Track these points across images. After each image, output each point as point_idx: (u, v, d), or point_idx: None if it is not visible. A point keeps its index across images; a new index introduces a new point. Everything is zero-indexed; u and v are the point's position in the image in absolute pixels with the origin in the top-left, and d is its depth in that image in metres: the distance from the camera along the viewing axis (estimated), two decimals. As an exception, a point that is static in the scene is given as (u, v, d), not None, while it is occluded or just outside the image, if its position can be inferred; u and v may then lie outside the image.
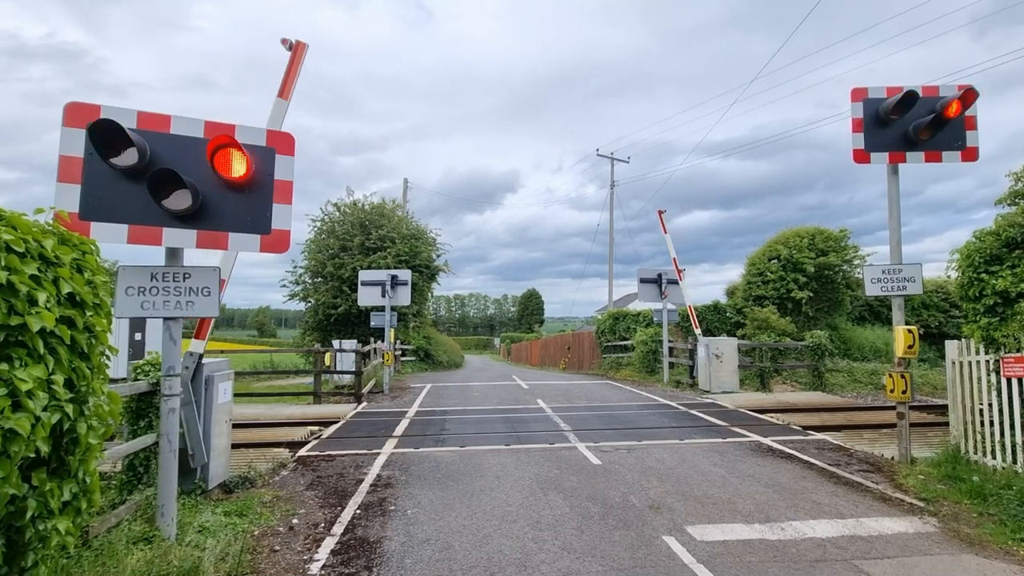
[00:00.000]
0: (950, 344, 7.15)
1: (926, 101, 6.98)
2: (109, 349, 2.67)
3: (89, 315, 2.48)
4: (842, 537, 4.63)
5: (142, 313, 4.23)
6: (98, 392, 2.50)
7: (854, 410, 11.63)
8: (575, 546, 4.41)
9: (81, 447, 2.38)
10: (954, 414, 7.01)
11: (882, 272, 7.18)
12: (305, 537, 4.63)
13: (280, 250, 4.60)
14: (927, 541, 4.58)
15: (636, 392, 14.71)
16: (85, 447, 2.41)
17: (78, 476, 2.42)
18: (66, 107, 3.99)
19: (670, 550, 4.33)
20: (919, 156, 7.11)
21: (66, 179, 3.95)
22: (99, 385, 2.53)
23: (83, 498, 2.43)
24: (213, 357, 6.30)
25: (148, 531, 4.09)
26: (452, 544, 4.46)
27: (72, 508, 2.35)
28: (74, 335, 2.37)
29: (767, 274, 20.03)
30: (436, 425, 9.74)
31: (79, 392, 2.40)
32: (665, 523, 4.91)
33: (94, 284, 2.50)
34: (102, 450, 2.65)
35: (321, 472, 6.66)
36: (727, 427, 9.30)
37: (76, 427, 2.33)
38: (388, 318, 15.75)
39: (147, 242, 4.16)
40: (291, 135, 4.67)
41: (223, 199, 4.39)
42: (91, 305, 2.48)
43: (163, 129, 4.24)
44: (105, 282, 2.59)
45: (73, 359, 2.36)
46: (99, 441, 2.45)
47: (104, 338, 2.63)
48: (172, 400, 4.31)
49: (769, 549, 4.38)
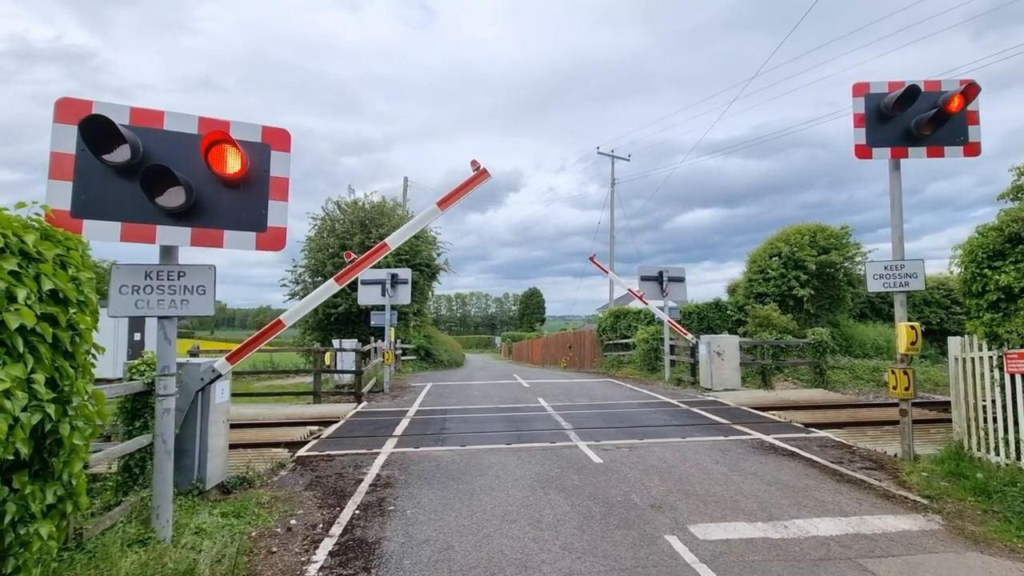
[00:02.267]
0: (953, 340, 7.09)
1: (928, 96, 6.92)
2: (95, 347, 2.60)
3: (73, 312, 2.40)
4: (846, 535, 4.58)
5: (136, 312, 4.18)
6: (82, 392, 2.44)
7: (856, 407, 11.56)
8: (576, 546, 4.36)
9: (65, 448, 2.32)
10: (957, 411, 6.95)
11: (884, 268, 7.12)
12: (303, 538, 4.58)
13: (276, 248, 4.54)
14: (931, 539, 4.53)
15: (637, 390, 14.65)
16: (70, 448, 2.34)
17: (63, 478, 2.35)
18: (57, 103, 3.93)
19: (672, 549, 4.28)
20: (921, 151, 7.05)
21: (57, 176, 3.89)
22: (84, 385, 2.46)
23: (68, 501, 2.36)
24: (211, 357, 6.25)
25: (143, 533, 4.04)
26: (452, 544, 4.41)
27: (57, 511, 2.29)
28: (57, 333, 2.30)
29: (768, 271, 19.95)
30: (436, 424, 9.69)
31: (62, 392, 2.33)
32: (667, 522, 4.86)
33: (78, 281, 2.43)
34: (89, 451, 2.57)
35: (320, 472, 6.61)
36: (729, 425, 9.24)
37: (59, 428, 2.26)
38: (388, 317, 15.70)
39: (140, 240, 4.11)
40: (287, 131, 4.61)
41: (218, 196, 4.33)
42: (75, 302, 2.40)
43: (156, 125, 4.19)
44: (90, 279, 2.52)
45: (56, 358, 2.30)
46: (85, 442, 2.39)
47: (89, 336, 2.55)
48: (167, 400, 4.26)
49: (772, 548, 4.33)
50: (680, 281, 16.63)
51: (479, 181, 6.32)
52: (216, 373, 5.35)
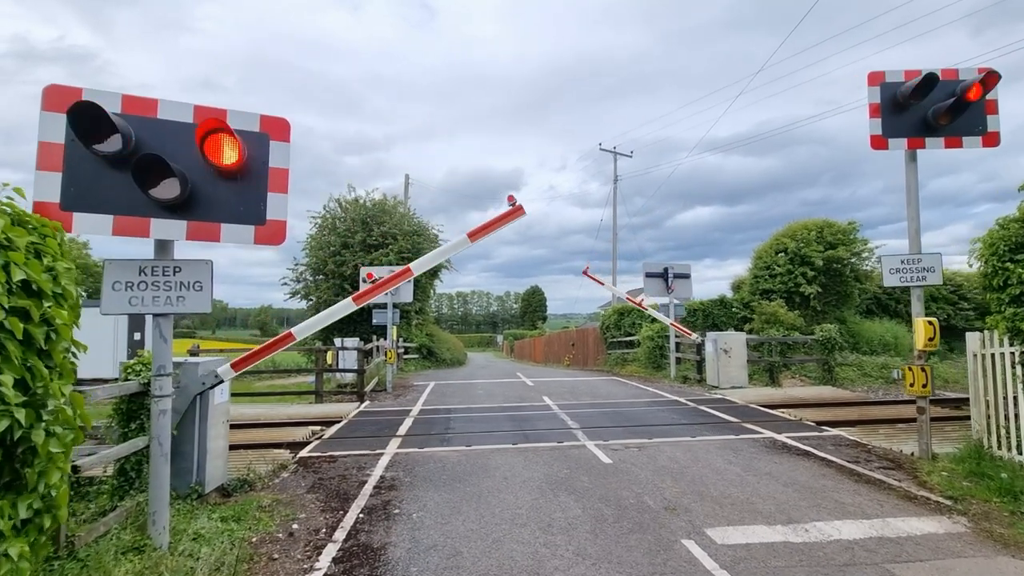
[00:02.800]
0: (972, 336, 6.90)
1: (945, 84, 6.72)
2: (75, 345, 2.39)
3: (48, 306, 2.18)
4: (870, 539, 4.40)
5: (130, 309, 4.01)
6: (58, 394, 2.23)
7: (867, 405, 11.37)
8: (590, 551, 4.18)
9: (41, 458, 2.10)
10: (976, 408, 6.77)
11: (901, 262, 6.93)
12: (305, 544, 4.41)
13: (275, 242, 4.36)
14: (959, 542, 4.35)
15: (643, 388, 14.47)
16: (46, 457, 2.13)
17: (39, 490, 2.13)
18: (45, 90, 3.74)
19: (690, 555, 4.10)
20: (939, 142, 6.85)
21: (46, 167, 3.70)
22: (60, 387, 2.26)
23: (46, 515, 2.15)
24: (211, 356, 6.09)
25: (139, 540, 3.86)
26: (460, 550, 4.24)
27: (34, 526, 2.08)
28: (29, 329, 2.08)
29: (774, 268, 19.73)
30: (441, 424, 9.52)
31: (35, 395, 2.11)
32: (683, 525, 4.68)
33: (55, 271, 2.22)
34: (69, 460, 2.35)
35: (323, 474, 6.44)
36: (739, 423, 9.06)
37: (32, 435, 2.05)
38: (390, 315, 15.51)
39: (134, 234, 3.92)
40: (286, 120, 4.42)
41: (214, 188, 4.15)
42: (51, 295, 2.19)
43: (150, 114, 4.00)
44: (69, 269, 2.31)
45: (28, 357, 2.09)
46: (64, 450, 2.18)
47: (67, 333, 2.34)
48: (163, 401, 4.08)
49: (794, 552, 4.15)
50: (686, 278, 16.44)
51: (514, 217, 6.06)
52: (218, 379, 5.18)
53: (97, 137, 3.68)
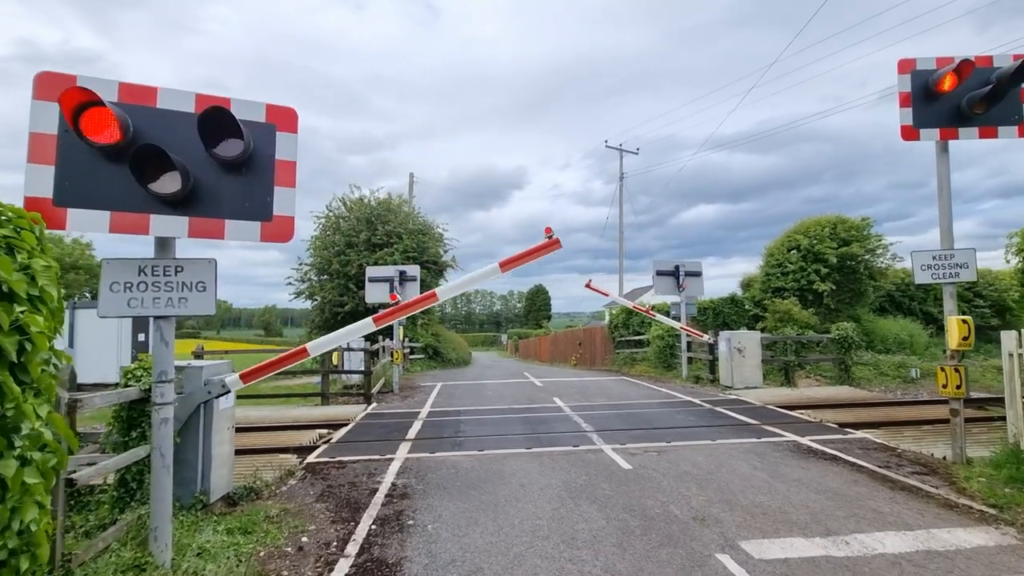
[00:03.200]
0: (1007, 335, 6.59)
1: (980, 72, 6.41)
2: (56, 356, 2.09)
3: (21, 311, 1.85)
4: (916, 552, 4.12)
5: (129, 312, 3.76)
6: (32, 417, 1.88)
7: (888, 405, 11.07)
8: (619, 568, 3.92)
9: (12, 492, 1.79)
10: (1012, 410, 6.47)
11: (932, 258, 6.64)
12: (316, 559, 4.15)
13: (283, 239, 4.10)
14: (1013, 556, 4.06)
15: (655, 388, 14.19)
16: (19, 491, 1.82)
17: (12, 527, 1.81)
18: (36, 77, 3.49)
19: (727, 571, 3.83)
20: (972, 132, 6.54)
21: (37, 160, 3.45)
22: (36, 406, 1.92)
23: (23, 556, 1.86)
24: (216, 359, 5.85)
25: (140, 557, 3.62)
26: (481, 566, 3.97)
27: (9, 569, 1.79)
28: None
29: (787, 265, 19.39)
30: (451, 427, 9.26)
31: (3, 417, 1.79)
32: (715, 538, 4.40)
33: (31, 270, 1.94)
34: (49, 492, 2.06)
35: (332, 481, 6.19)
36: (759, 425, 8.77)
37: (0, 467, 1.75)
38: (397, 315, 15.23)
39: (132, 231, 3.67)
40: (293, 109, 4.16)
41: (218, 182, 3.90)
42: (23, 297, 1.86)
43: (149, 103, 3.74)
44: (48, 267, 2.01)
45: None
46: (41, 481, 1.88)
47: (43, 342, 1.99)
48: (165, 409, 3.83)
49: (838, 568, 3.87)
50: (697, 276, 16.11)
51: (549, 250, 5.82)
52: (225, 389, 4.93)
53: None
